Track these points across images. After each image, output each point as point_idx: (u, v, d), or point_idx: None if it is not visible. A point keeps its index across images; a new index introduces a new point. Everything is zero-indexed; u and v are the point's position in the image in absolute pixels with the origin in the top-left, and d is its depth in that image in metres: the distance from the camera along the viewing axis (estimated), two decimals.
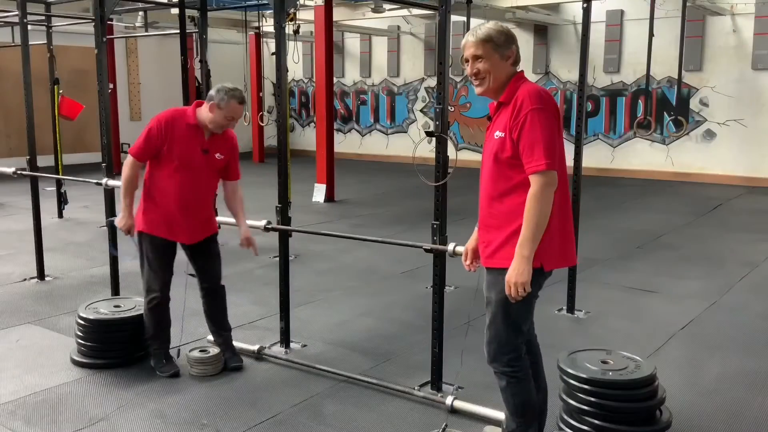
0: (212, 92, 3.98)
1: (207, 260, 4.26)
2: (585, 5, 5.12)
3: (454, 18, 10.91)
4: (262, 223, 4.36)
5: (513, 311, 2.86)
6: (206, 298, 4.30)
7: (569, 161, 3.55)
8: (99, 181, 5.18)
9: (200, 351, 4.18)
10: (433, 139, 3.69)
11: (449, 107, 3.80)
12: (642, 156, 13.24)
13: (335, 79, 14.85)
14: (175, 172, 4.00)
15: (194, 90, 10.73)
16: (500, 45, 2.80)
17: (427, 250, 3.78)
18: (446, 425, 3.46)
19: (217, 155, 4.09)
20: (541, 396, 3.15)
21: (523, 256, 2.69)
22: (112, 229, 5.10)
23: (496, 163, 2.82)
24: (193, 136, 4.01)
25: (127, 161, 4.03)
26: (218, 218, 4.78)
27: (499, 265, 2.84)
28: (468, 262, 3.17)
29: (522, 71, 2.88)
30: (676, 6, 11.22)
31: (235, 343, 4.47)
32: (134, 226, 4.08)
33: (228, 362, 4.22)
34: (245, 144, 17.68)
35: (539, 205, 2.67)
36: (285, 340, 4.51)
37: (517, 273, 2.70)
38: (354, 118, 17.17)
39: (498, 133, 2.81)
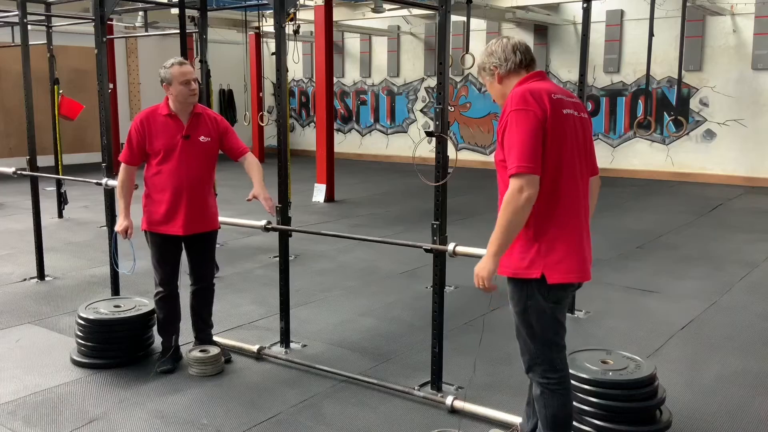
0: (159, 79, 4.10)
1: (201, 256, 4.26)
2: (585, 5, 5.12)
3: (454, 18, 10.93)
4: (262, 223, 4.36)
5: (534, 323, 2.80)
6: (195, 294, 4.30)
7: None
8: (99, 181, 5.18)
9: (200, 351, 4.18)
10: (433, 139, 3.69)
11: (449, 107, 3.79)
12: (642, 156, 13.24)
13: (335, 79, 14.87)
14: (161, 164, 4.05)
15: None
16: (483, 68, 2.90)
17: (427, 250, 3.78)
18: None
19: (201, 138, 4.09)
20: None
21: (488, 252, 2.69)
22: (115, 240, 5.09)
23: (497, 166, 2.82)
24: (170, 125, 4.06)
25: (120, 168, 4.14)
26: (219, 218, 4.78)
27: (506, 273, 2.80)
28: None
29: (531, 73, 2.83)
30: (676, 6, 11.23)
31: (235, 343, 4.50)
32: (131, 227, 4.09)
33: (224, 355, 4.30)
34: (245, 144, 17.72)
35: (509, 208, 2.60)
36: (285, 340, 4.51)
37: (480, 266, 2.72)
38: (354, 118, 17.17)
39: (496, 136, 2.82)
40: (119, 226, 4.10)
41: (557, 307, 2.81)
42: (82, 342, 4.27)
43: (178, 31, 6.64)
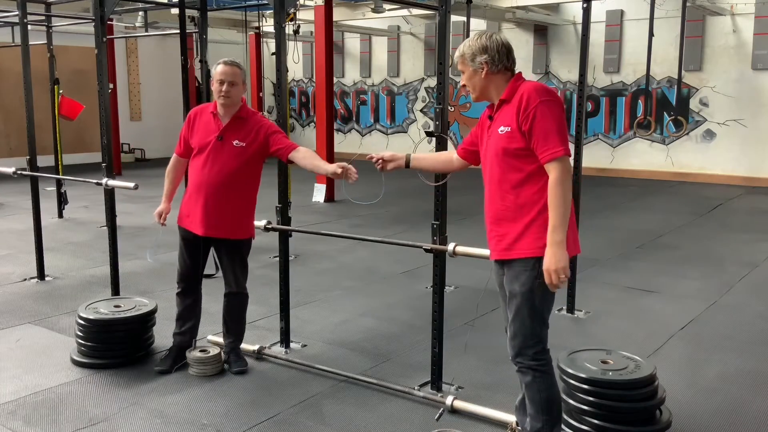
0: None
1: (225, 262, 4.17)
2: (585, 5, 5.12)
3: (454, 18, 10.92)
4: (262, 223, 4.36)
5: (538, 301, 2.88)
6: (224, 299, 4.26)
7: None
8: (99, 181, 5.18)
9: (200, 351, 4.17)
10: (433, 139, 3.69)
11: (449, 107, 3.80)
12: (642, 156, 13.24)
13: (335, 79, 14.86)
14: (193, 161, 4.07)
15: (194, 90, 10.74)
16: (470, 60, 2.93)
17: (427, 250, 3.78)
18: (444, 410, 3.45)
19: (234, 142, 3.94)
20: None
21: (557, 242, 2.75)
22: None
23: (505, 157, 2.86)
24: (211, 124, 4.04)
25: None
26: None
27: (521, 255, 2.87)
28: (376, 161, 3.46)
29: (519, 73, 2.96)
30: (676, 6, 11.23)
31: None
32: (166, 212, 4.20)
33: (231, 366, 4.20)
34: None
35: (563, 190, 2.74)
36: (285, 340, 4.51)
37: (555, 260, 2.75)
38: (354, 118, 17.17)
39: (503, 128, 2.86)
40: (157, 209, 4.20)
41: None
42: (82, 342, 4.26)
43: (178, 31, 6.64)
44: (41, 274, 6.20)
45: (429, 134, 3.73)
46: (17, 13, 6.16)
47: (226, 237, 4.07)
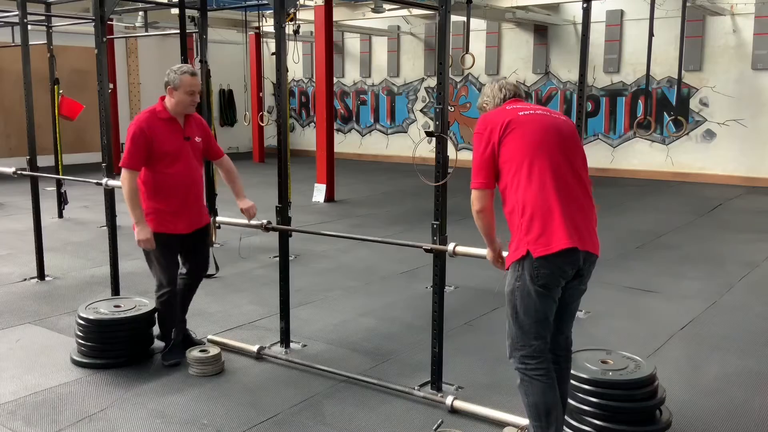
0: (165, 78, 4.15)
1: (199, 249, 4.37)
2: (585, 5, 5.13)
3: (454, 18, 10.92)
4: (262, 223, 4.36)
5: (518, 305, 2.91)
6: (187, 285, 4.39)
7: None
8: (99, 181, 5.19)
9: (200, 351, 4.18)
10: (433, 139, 3.69)
11: (449, 107, 3.80)
12: (642, 156, 13.24)
13: (335, 79, 14.85)
14: (169, 167, 4.12)
15: None
16: (479, 108, 3.29)
17: (427, 250, 3.78)
18: (441, 421, 3.45)
19: (196, 139, 4.25)
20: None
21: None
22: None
23: None
24: (172, 128, 4.16)
25: (124, 175, 4.04)
26: (218, 218, 4.83)
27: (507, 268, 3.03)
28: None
29: (508, 101, 3.17)
30: (676, 6, 11.23)
31: (235, 343, 4.53)
32: (153, 237, 4.05)
33: (194, 340, 4.43)
34: (245, 144, 17.75)
35: (473, 213, 3.04)
36: (285, 340, 4.51)
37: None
38: (354, 118, 17.16)
39: None
40: (144, 237, 4.01)
41: (542, 293, 2.87)
42: (82, 342, 4.27)
43: (178, 31, 6.64)
44: (41, 274, 6.20)
45: (429, 134, 3.73)
46: (17, 13, 6.16)
47: (205, 223, 4.38)
